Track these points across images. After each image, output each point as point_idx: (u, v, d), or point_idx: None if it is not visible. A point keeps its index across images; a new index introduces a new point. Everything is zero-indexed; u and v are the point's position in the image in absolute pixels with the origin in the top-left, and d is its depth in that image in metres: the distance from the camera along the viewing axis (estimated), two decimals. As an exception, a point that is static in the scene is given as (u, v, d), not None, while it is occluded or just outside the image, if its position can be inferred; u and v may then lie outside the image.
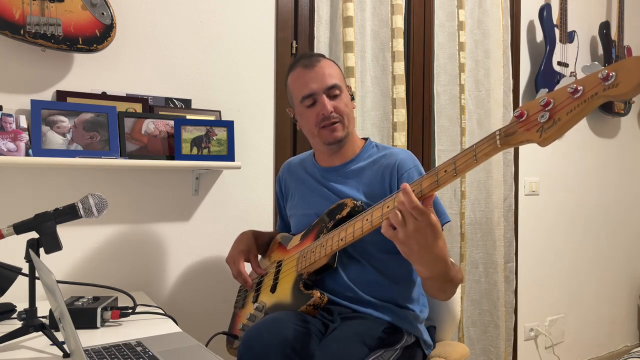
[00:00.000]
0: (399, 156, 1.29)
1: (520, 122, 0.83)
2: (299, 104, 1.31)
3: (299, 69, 1.31)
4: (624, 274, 3.10)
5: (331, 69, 1.31)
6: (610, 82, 0.73)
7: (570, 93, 0.77)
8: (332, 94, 1.28)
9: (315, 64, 1.30)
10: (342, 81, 1.33)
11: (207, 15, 1.74)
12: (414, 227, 0.95)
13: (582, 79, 0.77)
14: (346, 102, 1.31)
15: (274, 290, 1.28)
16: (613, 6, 2.95)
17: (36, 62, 1.48)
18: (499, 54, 2.28)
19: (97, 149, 1.48)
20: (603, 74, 0.73)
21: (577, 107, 0.76)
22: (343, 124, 1.29)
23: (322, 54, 1.39)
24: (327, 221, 1.24)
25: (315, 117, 1.28)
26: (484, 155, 0.89)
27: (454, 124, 2.19)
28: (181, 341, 1.07)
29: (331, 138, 1.29)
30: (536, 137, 0.81)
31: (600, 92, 0.74)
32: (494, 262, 2.26)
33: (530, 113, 0.82)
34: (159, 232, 1.66)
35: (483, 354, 2.28)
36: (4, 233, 1.07)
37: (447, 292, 1.14)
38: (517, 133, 0.84)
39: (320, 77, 1.28)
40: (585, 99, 0.76)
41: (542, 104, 0.80)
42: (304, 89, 1.28)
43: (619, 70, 0.73)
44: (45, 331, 1.04)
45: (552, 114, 0.79)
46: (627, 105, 2.91)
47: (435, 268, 1.02)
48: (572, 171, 2.79)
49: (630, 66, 0.72)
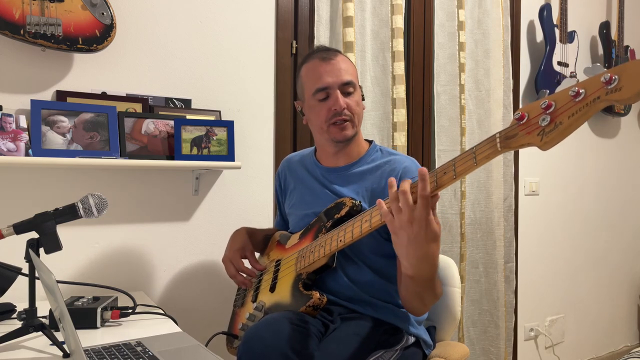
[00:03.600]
0: (403, 164, 1.27)
1: (521, 125, 0.81)
2: (310, 96, 1.28)
3: (316, 61, 1.27)
4: (624, 274, 3.10)
5: (348, 65, 1.28)
6: (612, 85, 0.71)
7: (572, 96, 0.75)
8: (346, 90, 1.25)
9: (332, 57, 1.26)
10: (357, 80, 1.31)
11: (207, 15, 1.74)
12: (408, 217, 0.93)
13: (583, 81, 0.75)
14: (358, 101, 1.28)
15: (273, 289, 1.27)
16: (613, 6, 2.95)
17: (36, 62, 1.48)
18: (499, 54, 2.28)
19: (97, 149, 1.48)
20: (606, 78, 0.71)
21: (578, 110, 0.74)
22: (353, 122, 1.27)
23: (340, 50, 1.34)
24: (326, 220, 1.24)
25: (327, 112, 1.25)
26: (484, 159, 0.87)
27: (454, 124, 2.19)
28: (181, 341, 1.07)
29: (340, 136, 1.26)
30: (537, 141, 0.79)
31: (602, 96, 0.72)
32: (494, 262, 2.26)
33: (531, 116, 0.80)
34: (159, 232, 1.66)
35: (483, 354, 2.28)
36: (4, 233, 1.07)
37: (424, 300, 1.10)
38: (517, 136, 0.82)
39: (337, 72, 1.25)
40: (587, 102, 0.73)
41: (544, 106, 0.78)
42: (319, 82, 1.25)
43: (621, 73, 0.70)
44: (45, 331, 1.04)
45: (553, 117, 0.77)
46: (627, 105, 2.91)
47: (420, 267, 0.99)
48: (572, 171, 2.79)
49: (634, 69, 0.69)
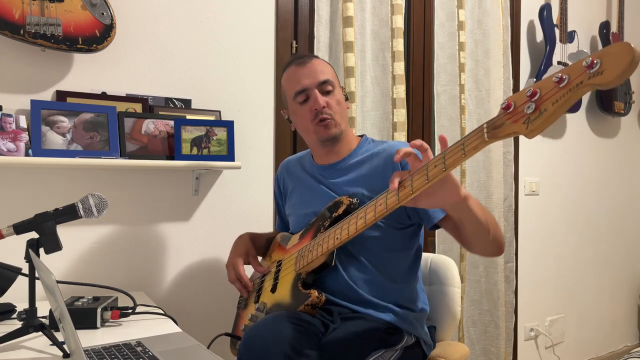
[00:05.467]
0: (398, 146, 1.29)
1: (507, 114, 0.81)
2: (292, 101, 1.32)
3: (292, 67, 1.32)
4: (624, 274, 3.10)
5: (323, 66, 1.32)
6: (595, 69, 0.70)
7: (556, 82, 0.74)
8: (324, 89, 1.28)
9: (307, 61, 1.30)
10: (336, 80, 1.33)
11: (207, 15, 1.74)
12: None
13: (567, 67, 0.74)
14: (339, 100, 1.30)
15: (274, 290, 1.28)
16: (613, 6, 2.95)
17: (36, 62, 1.48)
18: (499, 54, 2.28)
19: (97, 149, 1.48)
20: (587, 62, 0.71)
21: (562, 96, 0.74)
22: (335, 121, 1.29)
23: (316, 55, 1.38)
24: (324, 219, 1.24)
25: (309, 113, 1.28)
26: (472, 149, 0.86)
27: (454, 124, 2.19)
28: (181, 341, 1.07)
29: (326, 134, 1.29)
30: (522, 129, 0.79)
31: (585, 81, 0.71)
32: (494, 262, 2.26)
33: (517, 104, 0.80)
34: (159, 232, 1.66)
35: (483, 354, 2.28)
36: (4, 233, 1.07)
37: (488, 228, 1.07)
38: (504, 125, 0.82)
39: (313, 73, 1.28)
40: (571, 88, 0.73)
41: (528, 94, 0.78)
42: (297, 85, 1.29)
43: (603, 57, 0.70)
44: (45, 331, 1.04)
45: (538, 104, 0.77)
46: (627, 105, 2.90)
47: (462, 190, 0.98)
48: (572, 171, 2.79)
49: (615, 53, 0.69)
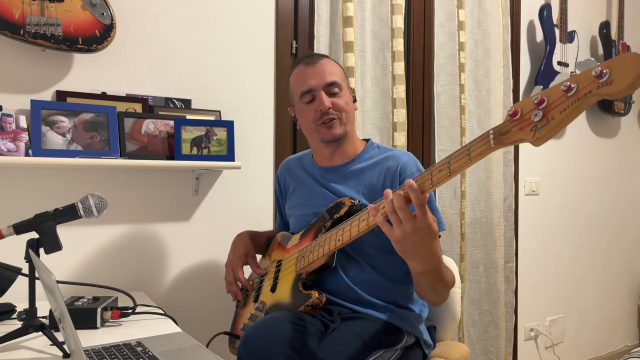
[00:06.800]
0: (401, 159, 1.28)
1: (514, 121, 0.81)
2: (298, 100, 1.31)
3: (301, 67, 1.31)
4: (624, 274, 3.10)
5: (332, 67, 1.31)
6: (604, 79, 0.70)
7: (564, 91, 0.74)
8: (331, 91, 1.28)
9: (316, 61, 1.30)
10: (344, 81, 1.32)
11: (207, 15, 1.74)
12: (411, 228, 0.95)
13: (575, 76, 0.74)
14: (346, 101, 1.30)
15: (274, 289, 1.28)
16: (613, 6, 2.95)
17: (36, 62, 1.48)
18: (499, 54, 2.28)
19: (97, 149, 1.48)
20: (597, 72, 0.71)
21: (570, 105, 0.74)
22: (341, 120, 1.28)
23: (326, 54, 1.38)
24: (325, 220, 1.24)
25: (314, 114, 1.28)
26: (477, 155, 0.86)
27: (454, 124, 2.19)
28: (181, 341, 1.07)
29: (329, 135, 1.28)
30: (529, 137, 0.78)
31: (594, 90, 0.71)
32: (494, 262, 2.26)
33: (524, 111, 0.79)
34: (159, 232, 1.66)
35: (483, 354, 2.28)
36: (4, 233, 1.06)
37: (438, 292, 1.15)
38: (510, 132, 0.81)
39: (320, 74, 1.28)
40: (579, 97, 0.73)
41: (536, 102, 0.77)
42: (304, 85, 1.28)
43: (613, 67, 0.70)
44: (45, 331, 1.04)
45: (545, 112, 0.76)
46: (627, 105, 2.91)
47: (428, 264, 1.04)
48: (572, 171, 2.79)
49: (625, 63, 0.68)
